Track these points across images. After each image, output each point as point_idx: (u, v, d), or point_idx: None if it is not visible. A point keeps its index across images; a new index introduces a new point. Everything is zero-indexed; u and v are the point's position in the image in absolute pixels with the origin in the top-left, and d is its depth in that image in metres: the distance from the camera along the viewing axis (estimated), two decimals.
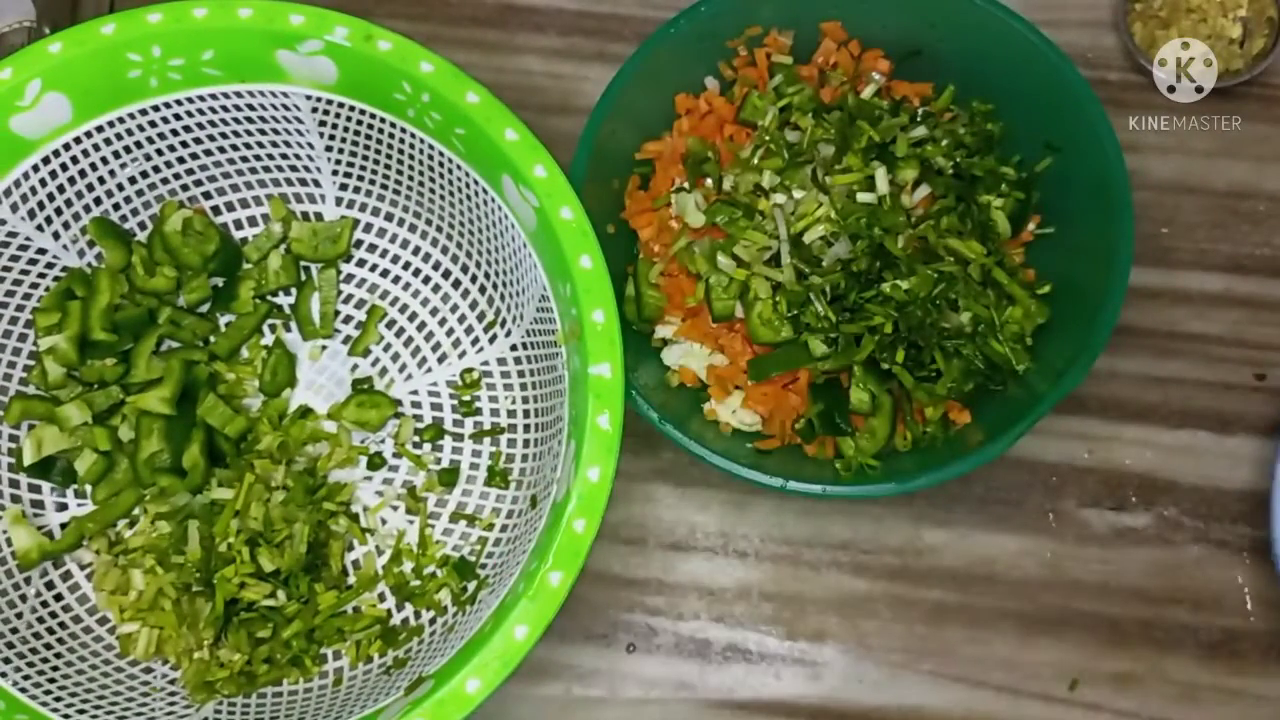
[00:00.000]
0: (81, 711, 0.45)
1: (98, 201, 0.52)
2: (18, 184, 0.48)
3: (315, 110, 0.49)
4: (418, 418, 0.54)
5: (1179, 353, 0.56)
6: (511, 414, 0.54)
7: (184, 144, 0.51)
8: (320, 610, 0.49)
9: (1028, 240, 0.53)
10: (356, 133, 0.51)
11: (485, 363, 0.54)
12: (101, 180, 0.51)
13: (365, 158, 0.52)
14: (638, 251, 0.53)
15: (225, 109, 0.50)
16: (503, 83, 0.50)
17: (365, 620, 0.50)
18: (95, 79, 0.47)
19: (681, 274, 0.51)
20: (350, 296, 0.56)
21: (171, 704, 0.48)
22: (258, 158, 0.53)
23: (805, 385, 0.49)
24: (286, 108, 0.50)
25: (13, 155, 0.48)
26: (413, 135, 0.49)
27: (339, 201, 0.55)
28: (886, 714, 0.51)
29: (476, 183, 0.48)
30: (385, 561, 0.52)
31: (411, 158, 0.50)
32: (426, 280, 0.55)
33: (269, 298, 0.55)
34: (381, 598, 0.51)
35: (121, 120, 0.49)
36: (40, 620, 0.48)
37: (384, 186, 0.54)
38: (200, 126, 0.51)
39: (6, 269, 0.50)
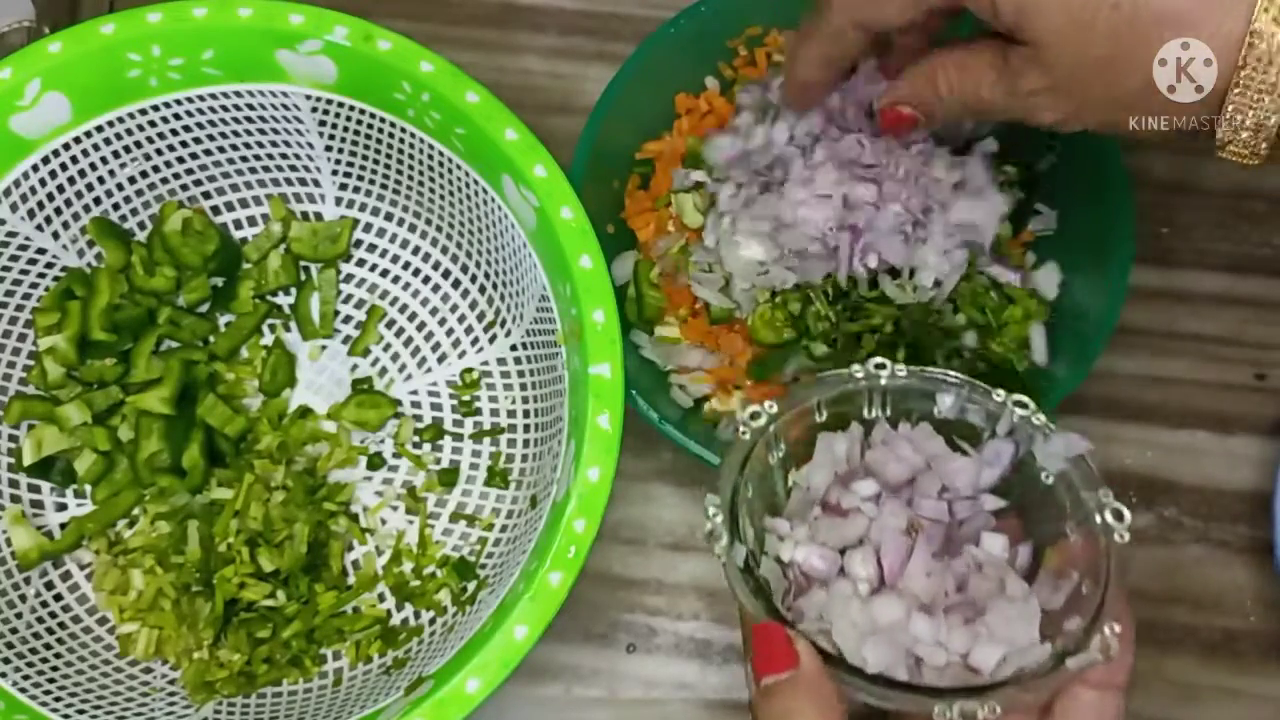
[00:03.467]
0: (81, 711, 0.45)
1: (97, 201, 0.52)
2: (17, 184, 0.48)
3: (315, 110, 0.50)
4: (417, 418, 0.54)
5: (1179, 353, 0.56)
6: (511, 414, 0.54)
7: (184, 144, 0.51)
8: (320, 610, 0.49)
9: (1028, 240, 0.53)
10: (356, 133, 0.51)
11: (485, 363, 0.54)
12: (101, 180, 0.51)
13: (365, 158, 0.52)
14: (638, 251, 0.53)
15: (225, 109, 0.50)
16: (503, 83, 0.50)
17: (365, 620, 0.50)
18: (95, 79, 0.47)
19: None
20: (350, 296, 0.56)
21: (171, 704, 0.48)
22: (258, 158, 0.53)
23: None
24: (286, 107, 0.50)
25: (12, 155, 0.48)
26: (413, 135, 0.49)
27: (339, 201, 0.55)
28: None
29: (476, 183, 0.48)
30: (385, 562, 0.52)
31: (411, 158, 0.50)
32: (426, 280, 0.55)
33: (269, 298, 0.55)
34: (381, 598, 0.51)
35: (121, 120, 0.49)
36: (40, 620, 0.48)
37: (384, 186, 0.54)
38: (200, 126, 0.51)
39: (6, 269, 0.50)
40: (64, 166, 0.49)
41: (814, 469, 0.39)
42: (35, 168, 0.48)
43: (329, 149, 0.52)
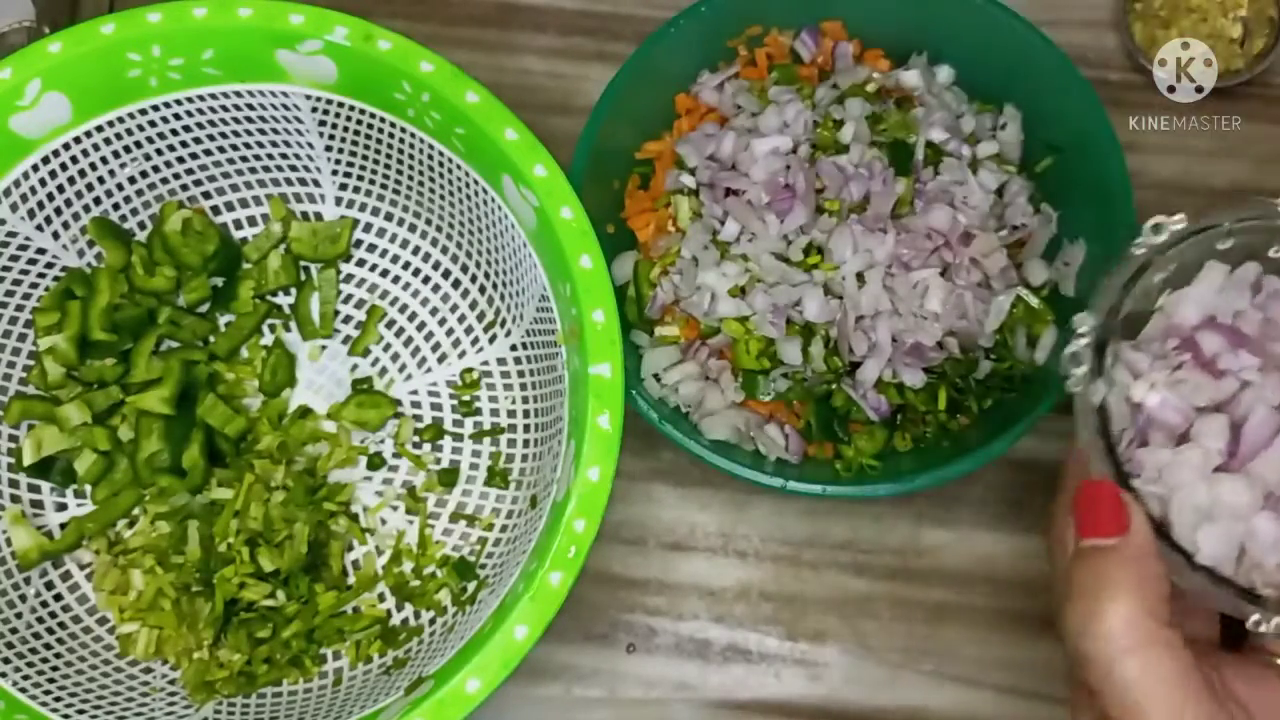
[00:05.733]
0: (81, 711, 0.45)
1: (97, 201, 0.52)
2: (17, 184, 0.48)
3: (315, 110, 0.49)
4: (417, 418, 0.54)
5: None
6: (511, 414, 0.54)
7: (184, 144, 0.51)
8: (320, 610, 0.49)
9: (1024, 240, 0.53)
10: (356, 133, 0.51)
11: (485, 363, 0.54)
12: (101, 180, 0.51)
13: (365, 158, 0.52)
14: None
15: (225, 109, 0.50)
16: (503, 83, 0.50)
17: (365, 620, 0.50)
18: (95, 79, 0.47)
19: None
20: (350, 296, 0.56)
21: (171, 704, 0.48)
22: (258, 158, 0.53)
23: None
24: (286, 107, 0.50)
25: (12, 155, 0.48)
26: (413, 135, 0.49)
27: (339, 201, 0.55)
28: (887, 714, 0.51)
29: (476, 183, 0.48)
30: (385, 562, 0.52)
31: (411, 158, 0.50)
32: (426, 280, 0.55)
33: (269, 298, 0.55)
34: (381, 598, 0.51)
35: (121, 120, 0.49)
36: (40, 620, 0.48)
37: (384, 186, 0.54)
38: (200, 126, 0.51)
39: (6, 269, 0.50)
40: (64, 166, 0.49)
41: (1187, 299, 0.35)
42: (35, 168, 0.48)
43: (329, 149, 0.52)
